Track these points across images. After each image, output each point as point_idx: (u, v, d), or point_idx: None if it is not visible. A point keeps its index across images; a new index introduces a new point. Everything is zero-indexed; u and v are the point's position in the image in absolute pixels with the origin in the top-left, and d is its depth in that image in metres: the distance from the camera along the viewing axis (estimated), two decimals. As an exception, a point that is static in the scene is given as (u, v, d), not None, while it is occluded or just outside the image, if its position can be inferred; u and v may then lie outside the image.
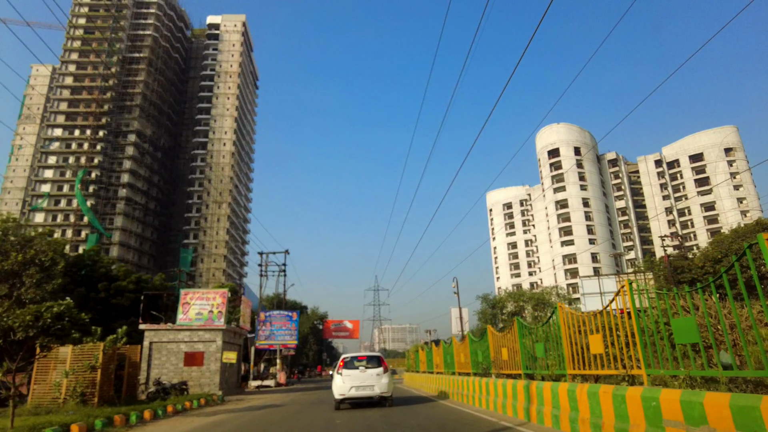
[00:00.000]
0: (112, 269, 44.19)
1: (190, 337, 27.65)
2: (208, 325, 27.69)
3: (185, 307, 27.81)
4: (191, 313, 27.73)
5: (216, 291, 28.55)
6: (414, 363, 28.00)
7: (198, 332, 27.77)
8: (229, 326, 29.28)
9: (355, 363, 15.72)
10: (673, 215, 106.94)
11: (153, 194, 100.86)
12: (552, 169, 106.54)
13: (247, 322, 34.05)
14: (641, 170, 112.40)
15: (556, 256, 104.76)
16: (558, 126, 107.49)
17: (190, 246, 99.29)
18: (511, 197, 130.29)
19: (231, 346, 30.28)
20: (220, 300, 28.17)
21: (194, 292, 28.44)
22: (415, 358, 27.58)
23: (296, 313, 40.06)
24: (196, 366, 27.17)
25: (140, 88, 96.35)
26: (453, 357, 21.48)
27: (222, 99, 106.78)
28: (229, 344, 29.81)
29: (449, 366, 22.19)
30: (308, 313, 79.23)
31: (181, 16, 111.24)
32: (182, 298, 28.04)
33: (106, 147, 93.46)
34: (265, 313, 39.41)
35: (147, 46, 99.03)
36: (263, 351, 40.50)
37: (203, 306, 27.89)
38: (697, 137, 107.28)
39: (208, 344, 27.65)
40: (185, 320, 27.71)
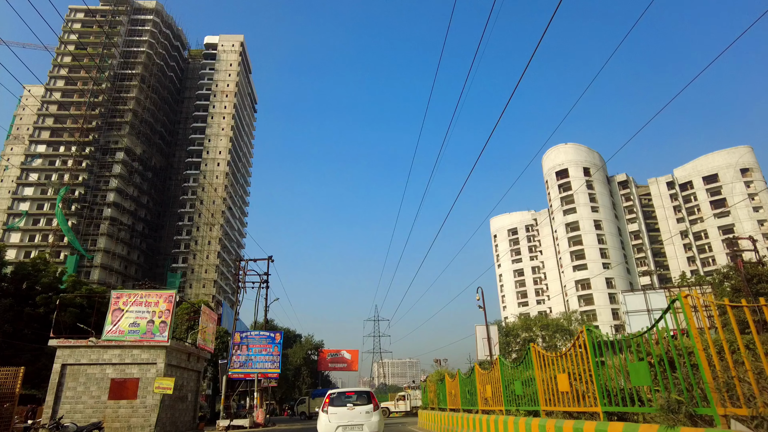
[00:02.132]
0: (63, 281, 35.98)
1: (120, 358, 19.27)
2: (146, 341, 19.37)
3: (116, 315, 19.55)
4: (123, 323, 19.45)
5: (159, 293, 20.28)
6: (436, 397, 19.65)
7: (132, 351, 19.41)
8: (178, 343, 20.91)
9: (342, 399, 14.27)
10: (689, 239, 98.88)
11: (141, 216, 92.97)
12: (561, 190, 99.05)
13: (210, 341, 25.60)
14: (653, 192, 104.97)
15: (568, 282, 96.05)
16: (566, 146, 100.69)
17: (178, 270, 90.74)
18: (517, 222, 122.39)
19: (183, 372, 21.82)
20: (165, 306, 19.92)
21: (129, 294, 20.13)
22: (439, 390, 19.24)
23: (279, 334, 31.55)
24: (127, 399, 18.73)
25: (131, 105, 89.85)
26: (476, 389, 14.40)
27: (217, 118, 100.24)
28: (180, 369, 21.37)
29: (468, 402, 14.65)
30: (302, 342, 70.13)
31: (177, 36, 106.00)
32: (113, 302, 19.80)
33: (92, 164, 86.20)
34: (241, 334, 30.96)
35: (140, 63, 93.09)
36: (238, 381, 31.78)
37: (141, 314, 19.64)
38: (711, 158, 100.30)
39: (145, 368, 19.25)
40: (115, 333, 19.40)
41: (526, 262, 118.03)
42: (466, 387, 15.26)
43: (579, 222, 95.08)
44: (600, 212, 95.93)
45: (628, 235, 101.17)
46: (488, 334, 28.92)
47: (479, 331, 31.66)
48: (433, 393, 20.72)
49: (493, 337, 30.31)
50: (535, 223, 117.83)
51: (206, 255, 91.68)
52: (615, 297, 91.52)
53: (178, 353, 20.99)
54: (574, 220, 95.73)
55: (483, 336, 30.26)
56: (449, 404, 17.50)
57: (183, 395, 21.61)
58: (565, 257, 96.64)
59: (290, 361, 65.65)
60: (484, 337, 29.91)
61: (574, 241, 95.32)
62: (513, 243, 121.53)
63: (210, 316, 25.46)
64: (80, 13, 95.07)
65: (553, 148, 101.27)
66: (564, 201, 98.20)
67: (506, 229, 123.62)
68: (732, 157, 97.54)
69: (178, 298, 35.06)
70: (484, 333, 29.73)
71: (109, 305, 19.70)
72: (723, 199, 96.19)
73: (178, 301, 36.25)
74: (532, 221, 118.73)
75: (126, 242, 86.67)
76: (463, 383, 15.65)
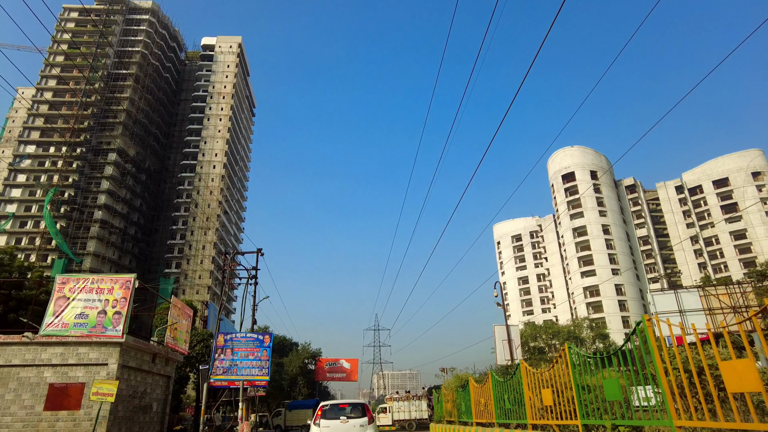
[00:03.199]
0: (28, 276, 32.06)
1: (62, 357, 15.27)
2: (95, 336, 15.40)
3: (60, 304, 15.60)
4: (68, 314, 15.49)
5: (115, 278, 16.33)
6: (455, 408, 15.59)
7: (78, 348, 15.41)
8: (139, 340, 16.93)
9: (335, 412, 13.37)
10: (699, 244, 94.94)
11: (134, 219, 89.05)
12: (567, 194, 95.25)
13: (184, 340, 21.59)
14: (661, 197, 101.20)
15: (576, 289, 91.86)
16: (572, 149, 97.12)
17: (171, 276, 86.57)
18: (521, 229, 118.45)
19: (146, 376, 17.79)
20: (121, 293, 15.98)
21: (78, 279, 16.16)
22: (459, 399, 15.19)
23: (269, 336, 27.49)
24: (68, 409, 14.71)
25: (125, 105, 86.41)
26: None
27: (214, 120, 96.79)
28: (141, 372, 17.34)
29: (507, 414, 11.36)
30: (298, 350, 65.83)
31: (174, 37, 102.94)
32: (56, 288, 15.84)
33: (83, 166, 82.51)
34: (225, 336, 26.97)
35: (135, 63, 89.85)
36: (221, 390, 27.68)
37: (91, 303, 15.69)
38: (721, 161, 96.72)
39: (93, 370, 15.24)
40: (56, 327, 15.42)
41: (530, 269, 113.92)
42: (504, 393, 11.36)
43: (587, 226, 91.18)
44: (608, 216, 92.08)
45: (637, 240, 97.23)
46: (508, 335, 24.80)
47: (498, 332, 27.49)
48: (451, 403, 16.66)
49: (514, 339, 26.20)
50: (539, 229, 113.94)
51: (200, 260, 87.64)
52: (625, 304, 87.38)
53: (139, 353, 16.95)
54: (581, 224, 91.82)
55: (503, 337, 26.14)
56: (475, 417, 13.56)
57: (146, 404, 17.56)
58: (573, 263, 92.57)
59: (286, 371, 61.37)
60: (504, 338, 25.80)
61: (581, 247, 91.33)
62: (517, 250, 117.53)
63: (183, 311, 21.43)
64: (74, 12, 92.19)
65: (559, 151, 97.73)
66: (571, 205, 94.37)
67: (510, 235, 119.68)
68: (743, 161, 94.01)
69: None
70: (504, 334, 25.65)
71: (52, 292, 15.75)
72: (734, 203, 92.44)
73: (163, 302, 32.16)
74: (537, 227, 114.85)
75: (117, 246, 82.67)
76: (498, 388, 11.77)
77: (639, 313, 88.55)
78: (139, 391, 16.85)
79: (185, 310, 21.76)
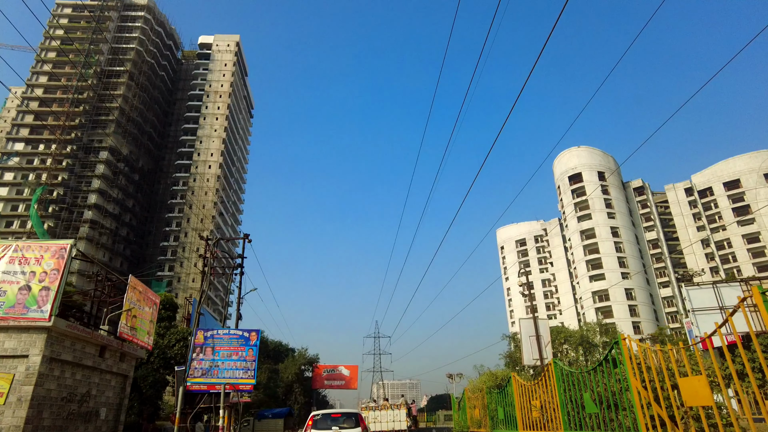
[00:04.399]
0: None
1: (-31, 346, 11.48)
2: (13, 318, 11.63)
3: (-29, 277, 11.83)
4: (-19, 290, 11.71)
5: (46, 244, 12.61)
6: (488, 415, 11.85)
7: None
8: (79, 326, 13.10)
9: (327, 422, 12.53)
10: (711, 248, 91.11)
11: (126, 220, 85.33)
12: (574, 196, 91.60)
13: (147, 332, 17.75)
14: (670, 199, 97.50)
15: (584, 293, 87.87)
16: (578, 149, 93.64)
17: (164, 279, 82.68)
18: (525, 233, 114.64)
19: (90, 374, 13.95)
20: (52, 264, 12.25)
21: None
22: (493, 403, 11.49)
23: (255, 333, 23.58)
24: (-27, 414, 10.88)
25: (118, 103, 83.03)
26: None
27: (210, 119, 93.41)
28: (82, 368, 13.51)
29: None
30: (294, 356, 61.76)
31: (170, 35, 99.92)
32: (-32, 258, 12.09)
33: (74, 164, 78.97)
34: (205, 333, 23.15)
35: (129, 60, 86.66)
36: (199, 395, 23.73)
37: (12, 276, 11.95)
38: (731, 163, 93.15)
39: (9, 364, 11.45)
40: (-37, 307, 11.64)
41: (536, 274, 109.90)
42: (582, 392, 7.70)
43: (595, 229, 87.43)
44: (617, 219, 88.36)
45: (647, 243, 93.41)
46: (537, 330, 20.85)
47: (524, 327, 23.30)
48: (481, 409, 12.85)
49: (543, 335, 22.22)
50: (544, 233, 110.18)
51: (194, 263, 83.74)
52: (635, 309, 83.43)
53: (79, 343, 13.15)
54: (589, 227, 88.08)
55: (530, 333, 22.13)
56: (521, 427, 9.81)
57: (89, 411, 13.74)
58: (581, 267, 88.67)
59: (281, 377, 57.35)
60: (531, 334, 21.82)
61: (590, 250, 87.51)
62: (521, 255, 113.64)
63: (145, 296, 17.63)
64: (68, 8, 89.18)
65: (566, 151, 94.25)
66: (578, 207, 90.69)
67: (514, 240, 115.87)
68: (754, 162, 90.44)
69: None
70: (531, 328, 21.72)
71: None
72: (746, 205, 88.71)
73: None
74: (542, 231, 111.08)
75: (108, 248, 78.87)
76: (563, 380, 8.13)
77: (650, 319, 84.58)
78: (79, 393, 13.08)
79: (149, 295, 17.94)
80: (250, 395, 24.81)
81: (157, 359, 25.72)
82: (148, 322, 17.46)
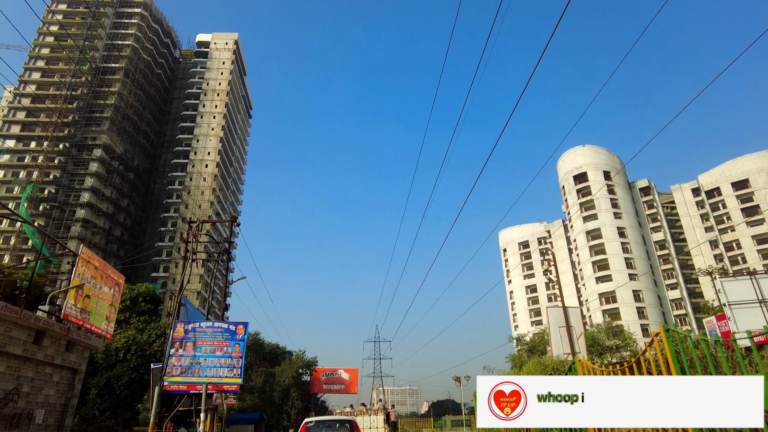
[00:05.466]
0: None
1: None
2: None
3: None
4: None
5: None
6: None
7: None
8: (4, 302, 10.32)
9: (321, 429, 11.85)
10: (719, 249, 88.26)
11: (120, 220, 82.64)
12: (579, 195, 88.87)
13: (105, 317, 14.93)
14: (677, 200, 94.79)
15: (590, 295, 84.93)
16: (583, 149, 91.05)
17: (158, 280, 79.76)
18: (528, 235, 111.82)
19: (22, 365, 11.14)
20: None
21: None
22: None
23: (243, 326, 20.76)
24: None
25: (113, 100, 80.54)
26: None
27: (207, 118, 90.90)
28: (6, 357, 10.68)
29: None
30: (291, 359, 58.69)
31: (168, 33, 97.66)
32: None
33: (66, 161, 76.39)
34: (186, 325, 20.40)
35: (125, 57, 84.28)
36: (178, 396, 20.85)
37: None
38: (739, 162, 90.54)
39: None
40: None
41: (539, 277, 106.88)
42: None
43: (601, 229, 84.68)
44: (623, 219, 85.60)
45: (653, 245, 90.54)
46: (567, 319, 17.89)
47: (553, 317, 20.22)
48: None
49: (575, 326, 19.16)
50: (548, 235, 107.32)
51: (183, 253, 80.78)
52: (644, 311, 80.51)
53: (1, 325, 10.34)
54: (595, 227, 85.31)
55: (559, 323, 19.15)
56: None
57: (17, 412, 10.95)
58: (587, 268, 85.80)
59: (277, 381, 54.29)
60: (561, 324, 18.88)
61: (596, 251, 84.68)
62: (524, 257, 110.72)
63: (104, 273, 14.82)
64: (63, 4, 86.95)
65: (570, 150, 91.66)
66: (583, 207, 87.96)
67: (516, 242, 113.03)
68: (763, 161, 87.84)
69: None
70: (560, 318, 18.84)
71: None
72: (756, 206, 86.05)
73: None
74: (545, 233, 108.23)
75: (101, 248, 75.97)
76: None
77: (659, 321, 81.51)
78: (2, 390, 10.30)
79: (108, 273, 15.13)
80: (235, 396, 21.94)
81: (134, 356, 22.90)
82: (108, 305, 14.67)
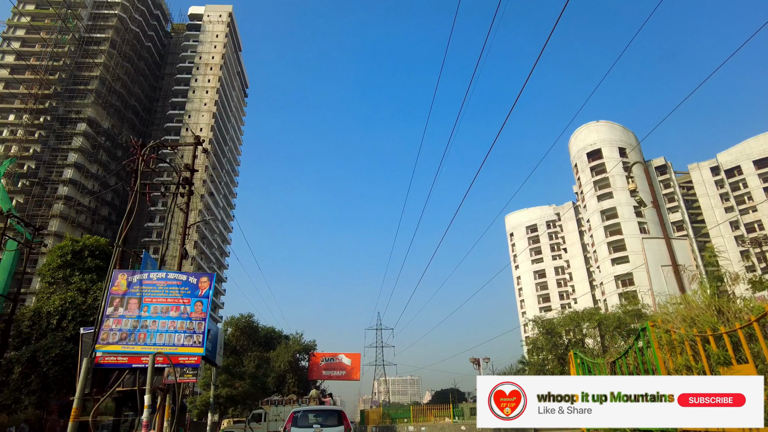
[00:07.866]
0: None
1: None
2: None
3: None
4: None
5: None
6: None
7: None
8: None
9: (308, 419, 11.48)
10: (741, 230, 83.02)
11: (108, 199, 77.32)
12: (593, 173, 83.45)
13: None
14: (695, 179, 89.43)
15: (606, 278, 79.74)
16: (597, 124, 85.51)
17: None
18: (536, 219, 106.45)
19: None
20: None
21: None
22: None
23: (208, 278, 15.28)
24: None
25: (98, 72, 74.92)
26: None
27: (200, 93, 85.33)
28: None
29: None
30: (288, 343, 53.53)
31: (158, 4, 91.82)
32: None
33: (47, 136, 70.94)
34: (129, 276, 15.05)
35: (111, 26, 78.62)
36: (115, 371, 15.44)
37: None
38: (761, 139, 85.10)
39: None
40: None
41: (548, 261, 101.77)
42: None
43: (617, 208, 79.41)
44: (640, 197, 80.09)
45: (670, 225, 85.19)
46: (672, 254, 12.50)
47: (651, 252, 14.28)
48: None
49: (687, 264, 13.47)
50: (557, 218, 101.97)
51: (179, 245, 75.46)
52: (663, 295, 75.14)
53: None
54: (610, 206, 80.00)
55: (660, 261, 13.43)
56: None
57: None
58: (601, 249, 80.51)
59: (273, 366, 49.17)
60: (663, 263, 13.22)
61: (611, 231, 79.40)
62: (532, 241, 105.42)
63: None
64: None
65: (583, 127, 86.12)
66: (597, 185, 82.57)
67: (524, 226, 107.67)
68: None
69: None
70: (662, 254, 13.22)
71: None
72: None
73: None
74: (554, 216, 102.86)
75: (86, 228, 70.65)
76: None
77: (678, 306, 76.48)
78: None
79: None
80: (195, 373, 16.57)
81: (71, 323, 17.55)
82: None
